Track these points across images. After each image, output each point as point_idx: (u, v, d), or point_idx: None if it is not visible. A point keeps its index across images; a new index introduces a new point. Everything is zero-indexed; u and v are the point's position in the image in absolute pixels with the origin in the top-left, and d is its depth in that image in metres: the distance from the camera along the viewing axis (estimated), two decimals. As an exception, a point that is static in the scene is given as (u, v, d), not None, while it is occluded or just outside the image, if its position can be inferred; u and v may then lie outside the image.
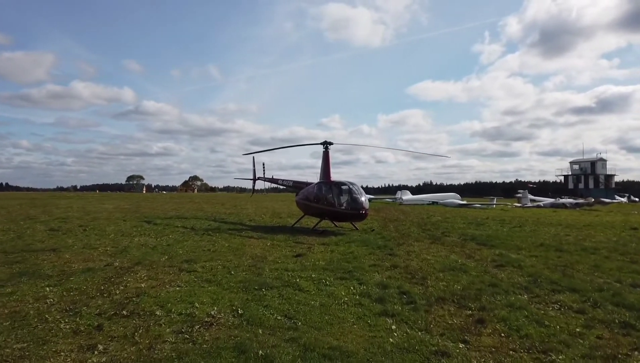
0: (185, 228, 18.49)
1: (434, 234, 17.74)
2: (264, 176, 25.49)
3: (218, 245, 13.50)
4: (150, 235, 15.59)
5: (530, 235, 17.55)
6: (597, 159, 79.41)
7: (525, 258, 11.80)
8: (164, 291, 7.47)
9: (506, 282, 8.76)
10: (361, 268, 9.90)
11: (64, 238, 14.36)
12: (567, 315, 6.61)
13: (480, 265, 10.71)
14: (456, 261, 11.08)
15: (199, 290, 7.61)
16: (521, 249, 13.63)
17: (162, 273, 9.05)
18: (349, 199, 17.73)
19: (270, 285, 8.04)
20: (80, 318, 5.95)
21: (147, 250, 12.22)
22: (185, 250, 12.32)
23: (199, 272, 9.21)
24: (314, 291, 7.72)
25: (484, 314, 6.51)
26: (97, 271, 9.08)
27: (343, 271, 9.52)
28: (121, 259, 10.63)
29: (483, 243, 14.77)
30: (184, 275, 8.94)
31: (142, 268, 9.63)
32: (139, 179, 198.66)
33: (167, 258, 10.85)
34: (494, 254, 12.49)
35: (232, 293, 7.51)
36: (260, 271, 9.47)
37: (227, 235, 16.30)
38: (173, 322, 5.91)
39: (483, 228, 20.48)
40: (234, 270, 9.55)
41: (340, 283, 8.39)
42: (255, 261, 10.66)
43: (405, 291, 7.75)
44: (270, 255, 11.84)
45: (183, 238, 15.04)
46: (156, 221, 22.24)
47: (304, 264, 10.41)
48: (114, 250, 12.12)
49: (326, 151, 19.55)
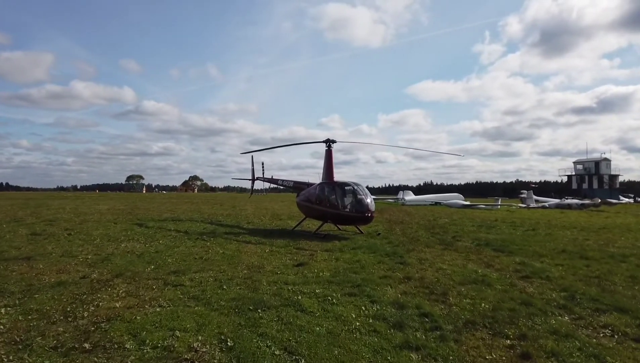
0: (179, 232, 17.31)
1: (444, 238, 16.57)
2: (263, 176, 24.34)
3: (212, 251, 12.33)
4: (139, 240, 14.41)
5: (547, 240, 16.39)
6: (602, 159, 78.14)
7: (550, 268, 10.64)
8: (141, 314, 6.30)
9: (539, 299, 7.61)
10: (371, 281, 8.74)
11: (44, 244, 13.17)
12: (626, 346, 5.45)
13: (504, 277, 9.55)
14: (476, 272, 9.92)
15: (183, 312, 6.44)
16: (542, 256, 12.48)
17: (143, 288, 7.88)
18: (353, 201, 16.55)
19: (268, 304, 6.88)
20: (30, 355, 4.78)
21: (132, 258, 11.05)
22: (175, 258, 11.14)
23: (186, 287, 8.04)
24: (319, 313, 6.55)
25: (527, 345, 5.34)
26: (69, 286, 7.90)
27: (351, 285, 8.36)
28: (101, 270, 9.46)
29: (500, 249, 13.61)
30: (169, 290, 7.77)
31: (123, 281, 8.46)
32: (138, 179, 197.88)
33: (152, 269, 9.68)
34: (514, 262, 11.34)
35: (222, 315, 6.34)
36: (256, 284, 8.30)
37: (223, 239, 15.13)
38: (145, 359, 4.74)
39: (495, 232, 19.31)
40: (227, 283, 8.37)
41: (349, 301, 7.22)
42: (251, 272, 9.50)
43: (427, 313, 6.58)
44: (269, 263, 10.67)
45: (174, 243, 13.86)
46: (149, 223, 21.06)
47: (306, 275, 9.25)
48: (95, 258, 10.95)
49: (329, 149, 18.35)
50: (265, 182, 24.52)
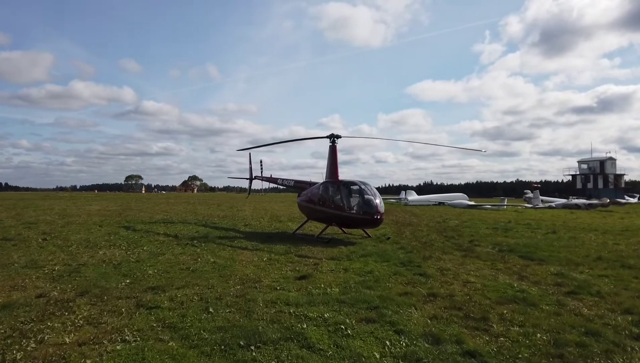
0: (168, 236, 15.72)
1: (460, 243, 15.02)
2: (261, 175, 22.75)
3: (201, 260, 10.76)
4: (120, 246, 12.82)
5: (574, 244, 14.84)
6: (607, 158, 76.62)
7: (595, 280, 9.11)
8: (96, 354, 4.74)
9: (602, 325, 6.07)
10: (390, 300, 7.18)
11: (10, 252, 11.57)
12: None
13: (546, 293, 8.00)
14: (511, 286, 8.38)
15: (152, 351, 4.88)
16: (578, 265, 10.95)
17: (109, 312, 6.32)
18: (360, 201, 14.97)
19: (264, 337, 5.32)
20: None
21: (107, 269, 9.48)
22: (157, 269, 9.57)
23: (163, 309, 6.48)
24: (331, 351, 4.99)
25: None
26: (16, 309, 6.33)
27: (367, 306, 6.80)
28: (65, 285, 7.89)
29: (527, 257, 12.06)
30: (140, 315, 6.20)
31: (87, 301, 6.90)
32: (137, 179, 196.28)
33: (127, 284, 8.11)
34: (550, 273, 9.80)
35: (202, 356, 4.79)
36: (250, 306, 6.74)
37: (216, 245, 13.55)
38: None
39: (513, 235, 17.76)
40: (214, 304, 6.81)
41: (367, 331, 5.66)
42: (245, 288, 7.94)
43: (472, 351, 5.02)
44: (266, 276, 9.11)
45: (160, 250, 12.27)
46: (137, 226, 19.45)
47: (310, 292, 7.69)
48: (63, 269, 9.37)
49: (333, 145, 16.76)
50: (264, 181, 22.95)
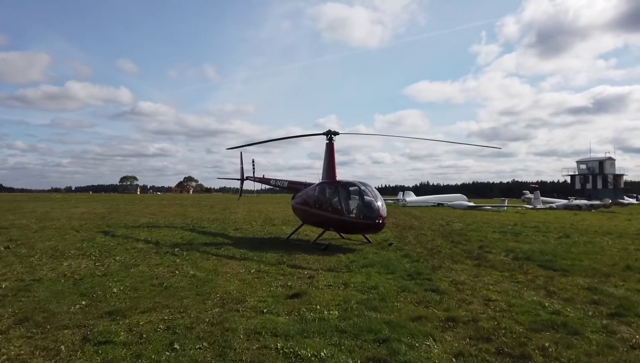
0: (148, 243, 14.27)
1: (469, 249, 13.70)
2: (253, 176, 21.35)
3: (179, 273, 9.35)
4: (91, 256, 11.37)
5: (593, 251, 13.55)
6: (606, 159, 75.79)
7: (636, 297, 7.81)
8: None
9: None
10: (401, 327, 5.81)
11: (-40, 263, 10.13)
12: None
13: (586, 315, 6.67)
14: (542, 306, 7.05)
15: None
16: (608, 276, 9.67)
17: (42, 352, 4.90)
18: (360, 204, 13.60)
19: (240, 392, 3.94)
20: None
21: (64, 286, 8.05)
22: (124, 285, 8.15)
23: (115, 346, 5.07)
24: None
25: None
26: None
27: (373, 338, 5.44)
28: (4, 309, 6.46)
29: (547, 266, 10.74)
30: (83, 356, 4.80)
31: (22, 333, 5.49)
32: (132, 180, 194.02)
33: (82, 306, 6.70)
34: (581, 287, 8.49)
35: None
36: (227, 339, 5.35)
37: (199, 254, 12.13)
38: None
39: (524, 240, 16.47)
40: (182, 337, 5.41)
41: (377, 379, 4.30)
42: (224, 311, 6.55)
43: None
44: (252, 293, 7.72)
45: (134, 260, 10.83)
46: (117, 231, 17.97)
47: (304, 316, 6.32)
48: (13, 286, 7.93)
49: (330, 143, 15.40)
50: (256, 182, 21.56)
